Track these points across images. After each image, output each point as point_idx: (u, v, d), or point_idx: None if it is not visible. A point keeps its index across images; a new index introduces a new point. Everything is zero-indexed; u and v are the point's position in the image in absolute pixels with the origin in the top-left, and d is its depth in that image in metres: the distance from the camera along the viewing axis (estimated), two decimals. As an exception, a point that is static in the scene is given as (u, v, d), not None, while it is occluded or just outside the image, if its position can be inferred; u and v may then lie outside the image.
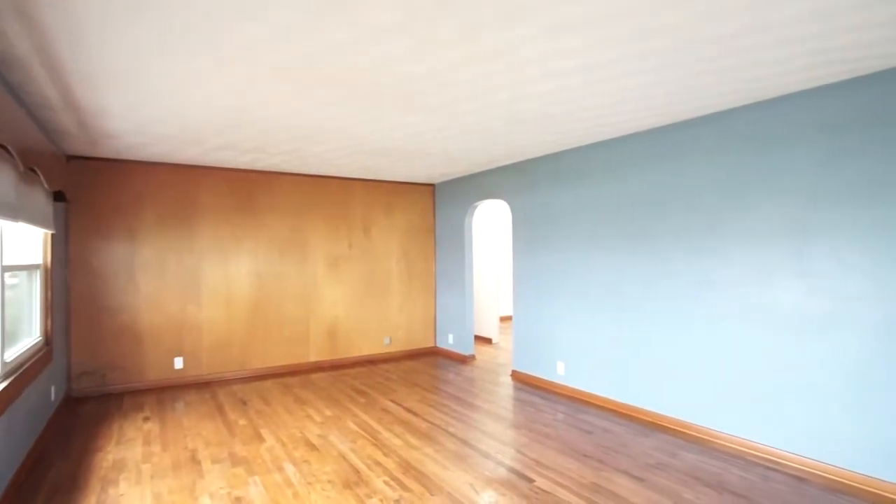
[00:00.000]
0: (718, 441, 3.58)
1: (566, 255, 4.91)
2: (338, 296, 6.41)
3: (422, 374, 5.88)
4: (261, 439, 3.80)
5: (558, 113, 3.58)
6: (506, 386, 5.30)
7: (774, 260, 3.29)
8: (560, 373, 4.99)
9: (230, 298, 5.71)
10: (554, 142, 4.53)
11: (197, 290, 5.53)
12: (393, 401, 4.78)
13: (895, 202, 2.76)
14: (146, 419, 4.30)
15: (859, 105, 2.89)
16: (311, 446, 3.65)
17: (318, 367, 6.23)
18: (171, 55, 2.50)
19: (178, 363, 5.44)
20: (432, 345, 7.20)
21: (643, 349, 4.16)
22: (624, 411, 4.30)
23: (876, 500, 2.76)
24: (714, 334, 3.64)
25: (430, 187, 7.20)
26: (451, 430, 3.97)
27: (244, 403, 4.74)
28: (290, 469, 3.27)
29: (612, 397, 4.44)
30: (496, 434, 3.87)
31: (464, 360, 6.55)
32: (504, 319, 9.81)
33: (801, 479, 3.02)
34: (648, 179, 4.10)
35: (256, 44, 2.37)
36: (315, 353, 6.25)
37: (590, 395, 4.65)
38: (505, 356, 6.81)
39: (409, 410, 4.47)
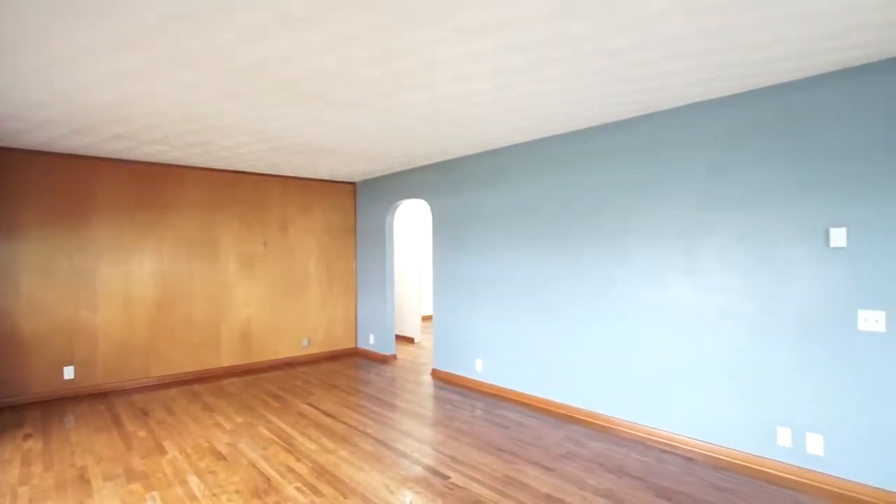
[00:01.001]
0: (622, 429, 3.82)
1: (484, 254, 5.03)
2: (252, 297, 6.13)
3: (341, 375, 5.77)
4: (162, 451, 3.55)
5: (476, 115, 3.65)
6: (426, 385, 5.32)
7: (669, 259, 3.57)
8: (478, 370, 5.09)
9: (131, 301, 5.28)
10: (473, 143, 4.62)
11: (92, 292, 5.06)
12: (310, 404, 4.64)
13: (769, 207, 3.09)
14: (27, 436, 3.87)
15: (743, 118, 3.21)
16: (219, 456, 3.46)
17: (230, 373, 5.92)
18: (58, 30, 2.26)
19: (69, 373, 4.94)
20: (353, 345, 7.08)
21: (556, 345, 4.35)
22: (539, 405, 4.47)
23: (754, 474, 3.07)
24: (619, 330, 3.88)
25: (351, 186, 7.08)
26: (368, 431, 3.92)
27: (145, 414, 4.40)
28: (193, 481, 3.08)
29: (527, 392, 4.60)
30: (414, 433, 3.87)
31: (385, 360, 6.50)
32: (426, 319, 9.86)
33: (691, 460, 3.29)
34: (562, 182, 4.29)
35: (156, 27, 2.21)
36: (227, 358, 5.93)
37: (507, 391, 4.78)
38: (426, 355, 6.84)
39: (326, 413, 4.37)
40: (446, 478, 3.09)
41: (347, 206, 7.05)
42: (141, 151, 4.84)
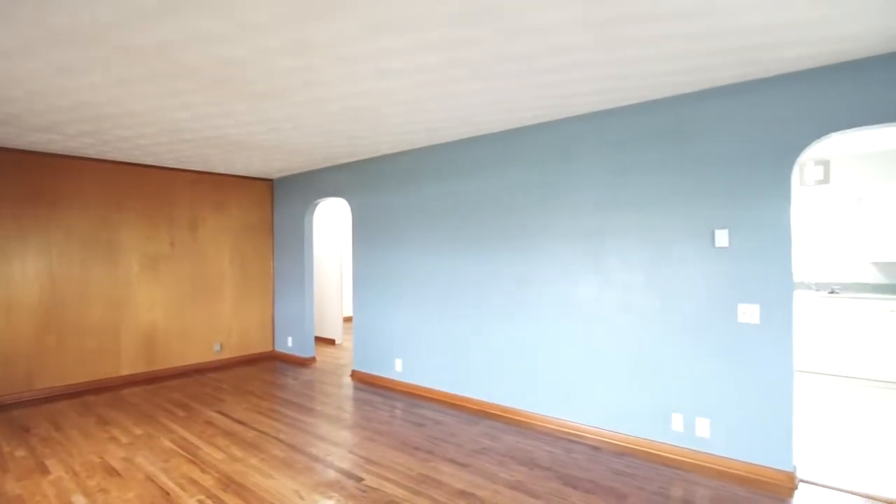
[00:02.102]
0: (535, 422, 3.96)
1: (403, 254, 5.02)
2: (157, 299, 5.71)
3: (256, 380, 5.52)
4: (44, 471, 3.21)
5: (393, 113, 3.63)
6: (345, 387, 5.23)
7: (577, 259, 3.75)
8: (398, 370, 5.08)
9: (12, 305, 4.73)
10: (392, 142, 4.60)
11: (-40, 296, 4.49)
12: (219, 412, 4.40)
13: (665, 210, 3.33)
14: None
15: (642, 127, 3.43)
16: (112, 472, 3.19)
17: (131, 381, 5.48)
18: None
19: (-70, 388, 4.35)
20: (270, 349, 6.81)
21: (473, 343, 4.43)
22: (456, 402, 4.53)
23: (651, 458, 3.29)
24: (532, 327, 4.02)
25: (269, 182, 6.81)
26: (281, 436, 3.78)
27: (26, 431, 3.96)
28: (80, 502, 2.81)
29: (445, 390, 4.64)
30: (329, 436, 3.79)
31: (304, 363, 6.31)
32: (348, 320, 9.69)
33: (596, 448, 3.47)
34: (479, 183, 4.38)
35: (25, -1, 2.00)
36: (128, 366, 5.49)
37: (426, 390, 4.80)
38: (347, 357, 6.72)
39: (236, 421, 4.16)
40: (360, 480, 3.04)
41: (264, 203, 6.77)
42: (26, 140, 4.36)
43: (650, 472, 3.09)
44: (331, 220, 7.81)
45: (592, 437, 3.65)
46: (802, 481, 2.95)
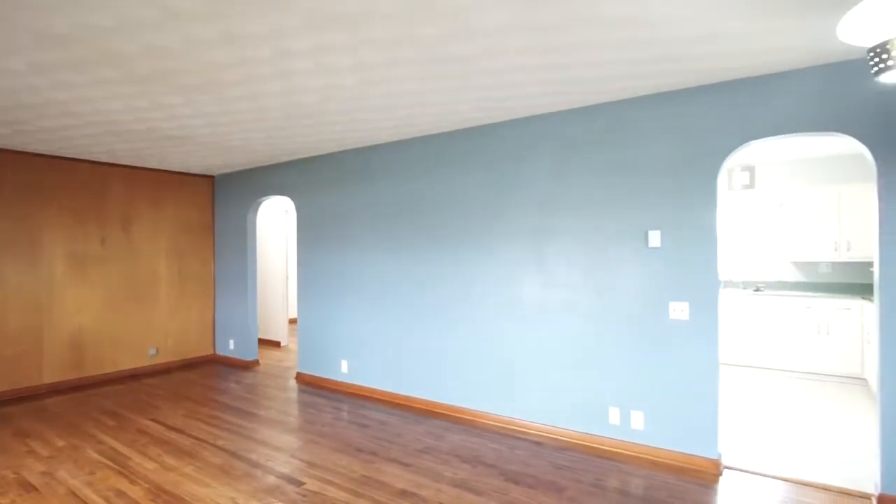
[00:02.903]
0: (480, 420, 4.01)
1: (350, 254, 4.96)
2: (85, 302, 5.37)
3: (195, 385, 5.30)
4: (-51, 489, 2.95)
5: (338, 110, 3.58)
6: (289, 390, 5.10)
7: (521, 260, 3.82)
8: (344, 371, 5.01)
9: (-88, 310, 4.32)
10: (338, 140, 4.53)
11: None
12: (154, 419, 4.19)
13: (603, 211, 3.45)
14: None
15: (583, 130, 3.54)
16: (29, 488, 2.97)
17: (55, 390, 5.13)
18: None
19: None
20: (211, 352, 6.55)
21: (419, 343, 4.43)
22: (402, 402, 4.51)
23: (590, 451, 3.40)
24: (477, 326, 4.06)
25: (209, 179, 6.54)
26: (219, 443, 3.64)
27: (-71, 446, 3.63)
28: (-10, 520, 2.60)
29: (391, 390, 4.62)
30: (270, 441, 3.68)
31: (247, 366, 6.11)
32: (294, 321, 9.45)
33: (539, 444, 3.55)
34: (426, 184, 4.38)
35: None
36: (51, 373, 5.13)
37: (372, 391, 4.76)
38: (292, 359, 6.56)
39: (172, 428, 3.97)
40: (301, 484, 2.98)
41: (205, 201, 6.50)
42: (-72, 128, 3.99)
43: (589, 465, 3.19)
44: (276, 219, 7.60)
45: (536, 433, 3.73)
46: (727, 468, 3.13)
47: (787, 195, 5.64)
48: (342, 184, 5.02)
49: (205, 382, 5.42)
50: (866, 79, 2.63)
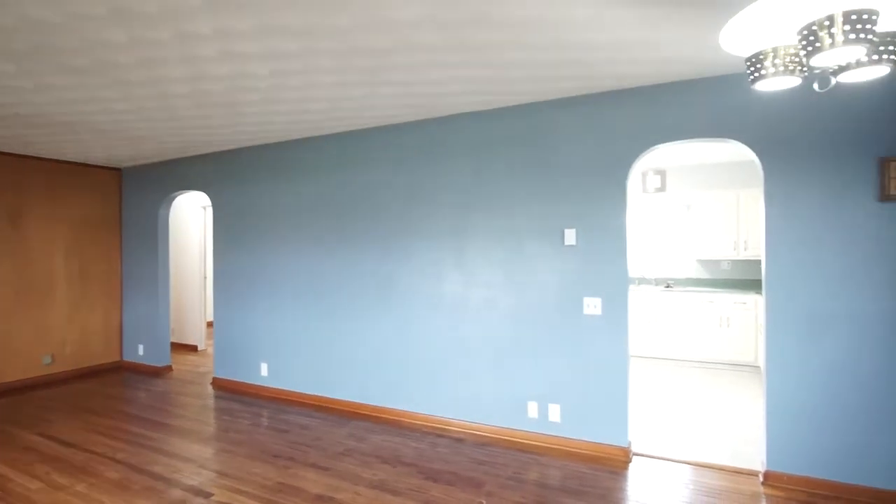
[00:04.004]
0: (403, 419, 3.98)
1: (269, 252, 4.76)
2: (-37, 306, 4.79)
3: (97, 395, 4.87)
4: None
5: (252, 101, 3.41)
6: (204, 396, 4.82)
7: (443, 258, 3.83)
8: (264, 374, 4.80)
9: None
10: (255, 133, 4.32)
11: None
12: (43, 434, 3.80)
13: (521, 210, 3.52)
14: None
15: (501, 131, 3.59)
16: None
17: (-76, 406, 4.53)
18: None
19: None
20: (117, 359, 6.06)
21: (341, 343, 4.33)
22: (325, 405, 4.39)
23: (510, 445, 3.46)
24: (399, 325, 4.03)
25: (116, 172, 6.05)
26: (119, 456, 3.37)
27: None
28: None
29: (314, 392, 4.48)
30: (178, 451, 3.45)
31: (158, 372, 5.71)
32: (213, 324, 8.97)
33: (460, 440, 3.57)
34: (348, 180, 4.28)
35: None
36: (-81, 387, 4.53)
37: (293, 394, 4.60)
38: (210, 364, 6.20)
39: (64, 443, 3.62)
40: (209, 496, 2.81)
41: (111, 195, 6.00)
42: None
43: (508, 459, 3.25)
44: (194, 216, 7.16)
45: (458, 429, 3.75)
46: (636, 454, 3.29)
47: (694, 198, 6.05)
48: (261, 179, 4.81)
49: (108, 392, 5.01)
50: (754, 90, 2.85)
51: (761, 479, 2.89)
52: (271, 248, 4.75)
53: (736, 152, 5.33)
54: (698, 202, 6.01)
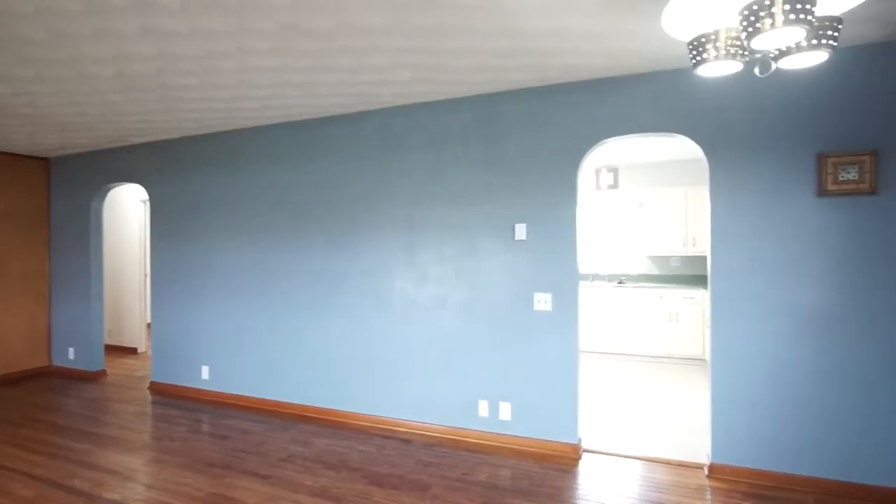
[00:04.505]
0: (351, 421, 3.83)
1: (211, 249, 4.50)
2: None
3: (19, 404, 4.49)
4: None
5: (188, 86, 3.18)
6: (139, 402, 4.52)
7: (395, 253, 3.70)
8: (205, 378, 4.54)
9: None
10: (194, 121, 4.07)
11: None
12: (-50, 448, 3.45)
13: (473, 205, 3.44)
14: None
15: (453, 123, 3.50)
16: None
17: None
18: None
19: None
20: (45, 363, 5.62)
21: (287, 343, 4.14)
22: (271, 408, 4.19)
23: (459, 445, 3.37)
24: (349, 323, 3.87)
25: (43, 162, 5.60)
26: (36, 472, 3.08)
27: None
28: None
29: (259, 396, 4.27)
30: (104, 463, 3.19)
31: (91, 377, 5.33)
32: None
33: (408, 442, 3.46)
34: (295, 173, 4.09)
35: None
36: None
37: (237, 398, 4.37)
38: (149, 367, 5.84)
39: (-27, 457, 3.30)
40: (133, 510, 2.59)
41: (36, 187, 5.55)
42: None
43: (457, 460, 3.16)
44: (133, 210, 6.75)
45: (406, 430, 3.63)
46: (586, 451, 3.27)
47: (646, 195, 6.15)
48: (202, 171, 4.54)
49: (32, 400, 4.62)
50: (700, 85, 2.87)
51: (706, 471, 2.92)
52: (214, 245, 4.50)
53: (685, 151, 5.44)
54: (650, 199, 6.11)
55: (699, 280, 6.10)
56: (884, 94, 2.58)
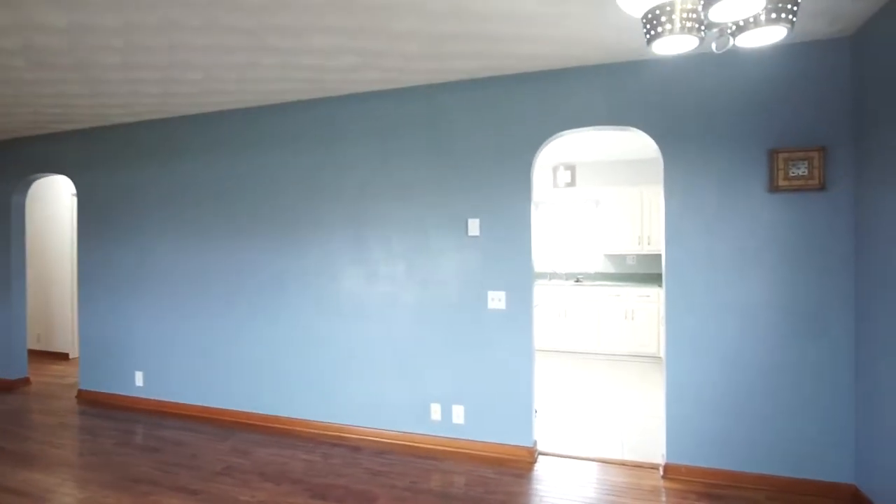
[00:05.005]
0: (298, 428, 3.61)
1: (145, 246, 4.18)
2: None
3: (-79, 417, 4.03)
4: None
5: (111, 65, 2.89)
6: (64, 413, 4.14)
7: (342, 250, 3.51)
8: (139, 384, 4.21)
9: None
10: (124, 107, 3.75)
11: None
12: None
13: (424, 199, 3.28)
14: None
15: (403, 114, 3.33)
16: None
17: None
18: None
19: None
20: (-42, 373, 5.11)
21: (228, 346, 3.87)
22: (211, 416, 3.91)
23: (411, 451, 3.21)
24: (294, 324, 3.65)
25: (-44, 151, 5.09)
26: (-71, 494, 2.73)
27: None
28: None
29: (198, 403, 3.98)
30: (14, 484, 2.86)
31: (10, 386, 4.86)
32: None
33: (357, 449, 3.27)
34: (234, 165, 3.83)
35: None
36: None
37: (174, 405, 4.06)
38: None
39: None
40: (38, 537, 2.31)
41: (-52, 178, 5.04)
42: None
43: (407, 468, 3.00)
44: (62, 204, 6.25)
45: (356, 437, 3.44)
46: (542, 454, 3.17)
47: (603, 194, 6.15)
48: (135, 162, 4.20)
49: (-61, 412, 4.17)
50: (654, 78, 2.81)
51: (661, 472, 2.86)
52: (148, 241, 4.17)
53: (641, 150, 5.46)
54: (606, 198, 6.12)
55: (654, 278, 6.15)
56: (833, 91, 2.58)
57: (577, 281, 6.30)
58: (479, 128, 3.15)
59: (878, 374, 2.33)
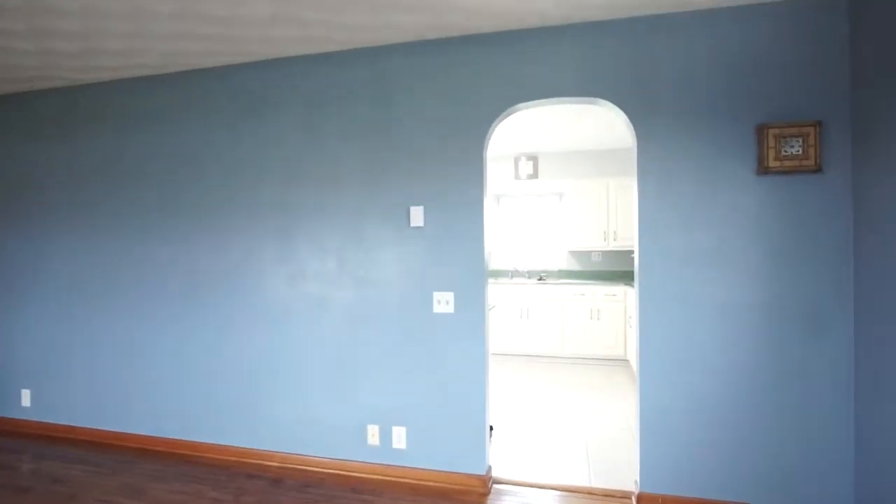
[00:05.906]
0: (209, 455, 3.04)
1: (31, 242, 3.51)
2: None
3: None
4: None
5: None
6: (-70, 440, 3.43)
7: (263, 244, 2.96)
8: (25, 405, 3.54)
9: None
10: (5, 69, 3.10)
11: None
12: None
13: (358, 184, 2.78)
14: None
15: (337, 81, 2.82)
16: None
17: None
18: None
19: None
20: None
21: (133, 361, 3.26)
22: (111, 441, 3.29)
23: (343, 481, 2.70)
24: (212, 333, 3.08)
25: None
26: None
27: None
28: None
29: (96, 427, 3.35)
30: None
31: None
32: None
33: (278, 481, 2.73)
34: (143, 145, 3.22)
35: None
36: None
37: (68, 429, 3.42)
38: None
39: None
40: None
41: None
42: None
43: (338, 503, 2.49)
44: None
45: (277, 465, 2.91)
46: (496, 482, 2.71)
47: (567, 186, 5.77)
48: (20, 138, 3.53)
49: None
50: (628, 44, 2.40)
51: (634, 502, 2.45)
52: (34, 236, 3.50)
53: (608, 139, 5.09)
54: (571, 191, 5.74)
55: (621, 276, 5.82)
56: (828, 57, 2.21)
57: (541, 279, 5.91)
58: (425, 97, 2.67)
59: (884, 387, 1.97)
